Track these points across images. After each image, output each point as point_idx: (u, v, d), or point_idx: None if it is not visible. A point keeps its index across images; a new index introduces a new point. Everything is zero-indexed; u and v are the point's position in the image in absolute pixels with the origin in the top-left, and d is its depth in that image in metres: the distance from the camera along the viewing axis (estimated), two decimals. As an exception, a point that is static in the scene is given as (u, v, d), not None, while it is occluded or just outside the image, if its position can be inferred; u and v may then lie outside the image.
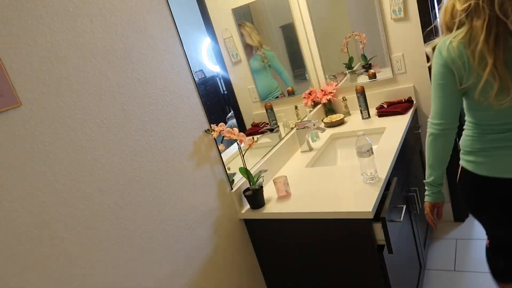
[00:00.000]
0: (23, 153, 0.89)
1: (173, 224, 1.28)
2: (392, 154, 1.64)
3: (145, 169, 1.20)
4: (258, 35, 2.04)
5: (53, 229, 0.93)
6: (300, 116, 2.25)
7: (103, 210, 1.06)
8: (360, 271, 1.42)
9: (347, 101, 2.40)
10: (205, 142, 1.46)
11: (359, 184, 1.48)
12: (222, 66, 1.71)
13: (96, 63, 1.08)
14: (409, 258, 1.77)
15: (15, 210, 0.86)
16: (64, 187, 0.96)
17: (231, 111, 1.76)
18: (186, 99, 1.39)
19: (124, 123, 1.15)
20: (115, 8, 1.16)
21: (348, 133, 2.15)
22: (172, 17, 1.37)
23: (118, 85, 1.14)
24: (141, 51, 1.23)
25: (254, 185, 1.54)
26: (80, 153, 1.01)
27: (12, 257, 0.85)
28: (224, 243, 1.50)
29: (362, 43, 2.35)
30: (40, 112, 0.93)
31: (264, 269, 1.68)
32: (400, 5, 2.13)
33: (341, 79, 2.51)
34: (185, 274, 1.31)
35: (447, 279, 2.02)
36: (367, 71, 2.40)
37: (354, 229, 1.35)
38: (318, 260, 1.50)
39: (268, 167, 1.74)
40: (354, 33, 2.35)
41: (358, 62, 2.45)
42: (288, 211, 1.45)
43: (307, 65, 2.44)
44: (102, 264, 1.04)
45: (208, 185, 1.45)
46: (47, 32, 0.97)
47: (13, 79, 0.89)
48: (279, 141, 1.97)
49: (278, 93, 2.17)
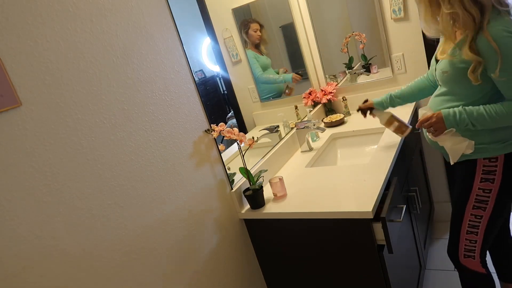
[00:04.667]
0: (23, 153, 0.89)
1: (174, 224, 1.28)
2: (392, 154, 1.64)
3: (145, 169, 1.20)
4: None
5: (53, 229, 0.93)
6: (300, 116, 2.25)
7: (103, 210, 1.06)
8: (360, 271, 1.42)
9: (347, 101, 2.40)
10: (205, 142, 1.46)
11: (359, 184, 1.48)
12: (222, 66, 1.71)
13: (96, 63, 1.08)
14: (409, 258, 1.77)
15: (15, 210, 0.86)
16: (64, 187, 0.96)
17: (231, 111, 1.76)
18: (186, 99, 1.39)
19: (124, 123, 1.15)
20: (115, 8, 1.16)
21: (348, 133, 2.15)
22: (172, 17, 1.37)
23: (118, 85, 1.14)
24: (141, 51, 1.23)
25: (254, 185, 1.54)
26: (80, 153, 1.01)
27: (12, 257, 0.85)
28: (224, 243, 1.50)
29: (362, 43, 2.35)
30: (40, 112, 0.93)
31: (264, 269, 1.68)
32: (400, 5, 2.13)
33: (341, 79, 2.51)
34: (185, 274, 1.31)
35: (447, 279, 2.02)
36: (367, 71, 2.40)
37: (354, 229, 1.35)
38: (318, 260, 1.50)
39: (268, 167, 1.74)
40: (354, 33, 2.35)
41: (358, 62, 2.45)
42: (288, 211, 1.45)
43: (307, 65, 2.44)
44: (102, 264, 1.04)
45: (208, 185, 1.45)
46: (47, 32, 0.97)
47: (13, 79, 0.89)
48: (279, 141, 1.97)
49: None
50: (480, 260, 1.45)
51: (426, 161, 2.41)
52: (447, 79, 1.31)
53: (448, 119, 1.30)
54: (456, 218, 1.44)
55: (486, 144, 1.30)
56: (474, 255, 1.44)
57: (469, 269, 1.48)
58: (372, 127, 2.09)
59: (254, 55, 2.01)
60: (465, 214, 1.40)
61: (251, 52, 1.99)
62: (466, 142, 1.32)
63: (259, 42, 2.07)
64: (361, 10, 2.30)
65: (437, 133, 1.35)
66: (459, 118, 1.28)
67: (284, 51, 2.34)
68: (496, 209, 1.35)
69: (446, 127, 1.32)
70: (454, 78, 1.29)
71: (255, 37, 2.02)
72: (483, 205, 1.35)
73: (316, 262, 1.51)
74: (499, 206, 1.35)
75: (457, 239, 1.46)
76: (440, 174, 2.43)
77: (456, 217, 1.44)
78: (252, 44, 2.00)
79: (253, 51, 2.01)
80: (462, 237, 1.44)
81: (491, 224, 1.38)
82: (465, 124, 1.27)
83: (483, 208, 1.36)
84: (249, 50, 1.98)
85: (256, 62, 2.02)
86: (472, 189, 1.36)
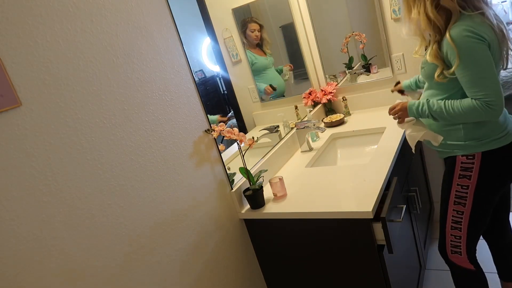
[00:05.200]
0: (23, 153, 0.89)
1: (173, 224, 1.28)
2: (392, 154, 1.64)
3: (145, 169, 1.20)
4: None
5: (53, 229, 0.93)
6: (300, 116, 2.25)
7: (103, 210, 1.06)
8: (360, 271, 1.42)
9: (347, 101, 2.40)
10: (205, 142, 1.46)
11: (359, 184, 1.48)
12: (222, 66, 1.71)
13: (96, 63, 1.08)
14: (409, 258, 1.77)
15: (15, 209, 0.86)
16: (64, 187, 0.96)
17: (231, 111, 1.76)
18: (186, 99, 1.39)
19: (124, 123, 1.15)
20: (115, 8, 1.16)
21: (348, 133, 2.15)
22: (172, 17, 1.37)
23: (118, 85, 1.14)
24: (141, 51, 1.23)
25: (254, 185, 1.54)
26: (80, 153, 1.01)
27: (12, 257, 0.85)
28: (224, 243, 1.50)
29: (362, 43, 2.35)
30: (40, 112, 0.93)
31: (264, 269, 1.68)
32: (400, 5, 2.13)
33: (341, 79, 2.51)
34: (185, 273, 1.31)
35: (447, 279, 2.02)
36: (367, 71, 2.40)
37: (354, 229, 1.35)
38: (318, 260, 1.50)
39: (268, 167, 1.74)
40: (354, 33, 2.35)
41: (358, 62, 2.45)
42: (288, 211, 1.45)
43: (307, 65, 2.44)
44: (102, 264, 1.04)
45: (208, 185, 1.45)
46: (47, 32, 0.97)
47: (13, 79, 0.89)
48: (279, 141, 1.97)
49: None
50: (468, 256, 1.47)
51: (426, 161, 2.41)
52: (424, 75, 1.41)
53: (411, 110, 1.41)
54: (442, 214, 1.49)
55: (463, 141, 1.35)
56: (460, 251, 1.47)
57: (457, 265, 1.51)
58: (372, 127, 2.09)
59: (252, 55, 2.00)
60: (448, 209, 1.45)
61: (249, 52, 1.99)
62: (423, 131, 1.43)
63: (259, 43, 2.06)
64: (361, 10, 2.30)
65: (400, 120, 1.49)
66: (420, 110, 1.38)
67: (284, 51, 2.33)
68: (476, 204, 1.38)
69: (408, 115, 1.44)
70: (429, 74, 1.37)
71: (253, 37, 2.02)
72: (462, 201, 1.40)
73: (316, 262, 1.51)
74: (479, 202, 1.38)
75: (444, 235, 1.50)
76: (440, 174, 2.40)
77: (442, 213, 1.49)
78: (250, 44, 2.00)
79: (252, 51, 2.00)
80: (448, 233, 1.47)
81: (473, 219, 1.41)
82: (426, 115, 1.36)
83: (463, 204, 1.40)
84: (248, 50, 1.98)
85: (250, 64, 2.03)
86: (452, 185, 1.42)
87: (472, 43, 1.20)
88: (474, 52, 1.20)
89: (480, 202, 1.38)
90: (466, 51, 1.20)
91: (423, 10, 1.26)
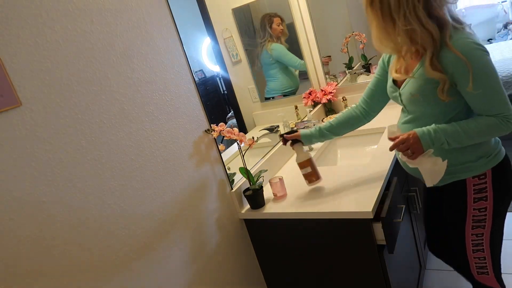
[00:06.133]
0: (23, 153, 0.89)
1: (173, 224, 1.28)
2: (392, 154, 1.64)
3: (145, 169, 1.20)
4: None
5: (53, 229, 0.93)
6: (300, 116, 2.25)
7: (104, 210, 1.06)
8: (360, 271, 1.42)
9: (347, 101, 2.40)
10: (205, 142, 1.46)
11: (359, 184, 1.48)
12: (222, 66, 1.71)
13: (96, 63, 1.08)
14: (409, 258, 1.77)
15: (15, 210, 0.86)
16: (64, 187, 0.96)
17: (231, 111, 1.76)
18: (186, 99, 1.39)
19: (124, 123, 1.15)
20: (115, 8, 1.16)
21: (348, 133, 2.15)
22: (172, 17, 1.37)
23: (118, 85, 1.14)
24: (141, 51, 1.23)
25: (254, 185, 1.54)
26: (80, 153, 1.01)
27: (12, 257, 0.85)
28: (224, 243, 1.50)
29: (362, 43, 2.36)
30: (40, 112, 0.93)
31: (264, 268, 1.68)
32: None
33: (341, 79, 2.51)
34: (186, 273, 1.31)
35: (447, 279, 2.02)
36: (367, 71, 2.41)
37: (354, 229, 1.35)
38: (318, 260, 1.50)
39: (268, 167, 1.74)
40: (354, 33, 2.36)
41: (358, 62, 2.45)
42: (288, 211, 1.45)
43: (307, 65, 2.44)
44: (102, 264, 1.04)
45: (208, 185, 1.45)
46: (47, 32, 0.97)
47: (13, 79, 0.89)
48: (279, 141, 1.97)
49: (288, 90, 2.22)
50: (495, 274, 1.40)
51: (426, 161, 2.40)
52: (417, 101, 1.23)
53: (424, 139, 1.17)
54: (458, 241, 1.39)
55: (474, 161, 1.23)
56: (487, 270, 1.40)
57: (484, 285, 1.44)
58: (372, 127, 2.09)
59: (281, 47, 2.11)
60: (465, 235, 1.35)
61: (279, 45, 2.09)
62: (445, 161, 1.20)
63: (280, 36, 2.14)
64: (361, 10, 2.27)
65: (415, 155, 1.20)
66: (434, 137, 1.17)
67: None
68: (495, 222, 1.31)
69: (423, 147, 1.18)
70: (424, 99, 1.21)
71: (278, 30, 2.10)
72: (482, 224, 1.31)
73: (316, 262, 1.51)
74: (498, 219, 1.31)
75: (466, 260, 1.41)
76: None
77: (458, 240, 1.39)
78: (276, 38, 2.08)
79: (280, 44, 2.12)
80: (470, 257, 1.39)
81: (494, 237, 1.34)
82: (441, 142, 1.17)
83: (483, 226, 1.31)
84: (276, 44, 2.09)
85: (290, 53, 2.13)
86: (467, 210, 1.30)
87: (484, 56, 1.10)
88: (487, 65, 1.10)
89: (499, 219, 1.31)
90: (479, 64, 1.09)
91: (416, 21, 1.11)
